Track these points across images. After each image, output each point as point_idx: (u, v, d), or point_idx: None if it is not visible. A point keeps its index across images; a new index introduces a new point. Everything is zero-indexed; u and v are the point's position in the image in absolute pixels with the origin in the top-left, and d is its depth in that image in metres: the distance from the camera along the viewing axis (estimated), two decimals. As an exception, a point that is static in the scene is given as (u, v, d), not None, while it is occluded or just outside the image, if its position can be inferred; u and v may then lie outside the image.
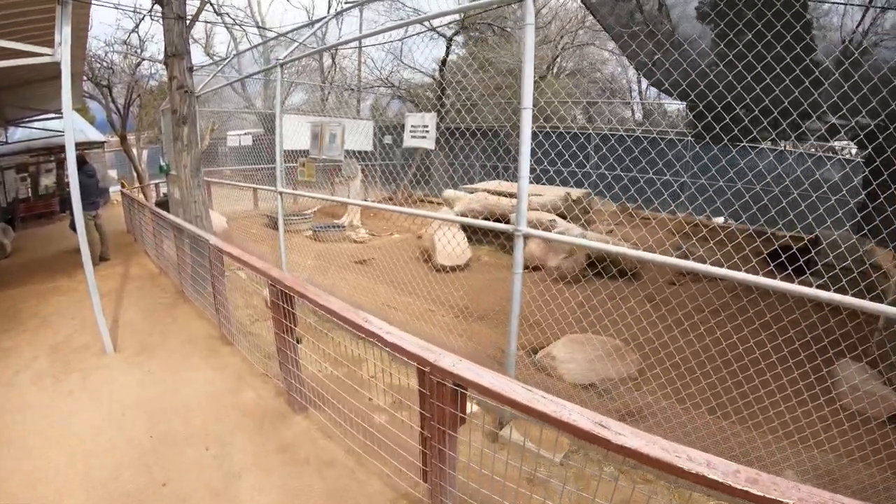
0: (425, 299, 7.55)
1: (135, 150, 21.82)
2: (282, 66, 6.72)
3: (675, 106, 23.71)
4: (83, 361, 5.79)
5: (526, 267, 9.06)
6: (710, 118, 5.29)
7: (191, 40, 7.53)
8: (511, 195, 10.79)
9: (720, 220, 14.15)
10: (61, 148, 11.84)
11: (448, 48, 17.27)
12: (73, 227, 10.24)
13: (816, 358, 4.07)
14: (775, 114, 5.10)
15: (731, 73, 4.64)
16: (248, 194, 15.28)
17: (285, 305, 4.25)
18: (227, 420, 4.58)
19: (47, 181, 19.26)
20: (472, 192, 11.94)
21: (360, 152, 10.48)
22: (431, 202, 14.97)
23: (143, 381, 5.34)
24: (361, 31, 17.47)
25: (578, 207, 10.79)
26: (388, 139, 15.83)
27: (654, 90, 27.99)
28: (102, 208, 10.93)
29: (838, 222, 9.90)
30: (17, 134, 18.19)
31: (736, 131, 6.65)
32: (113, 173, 26.53)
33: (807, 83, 4.34)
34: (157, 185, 19.19)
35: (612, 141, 13.53)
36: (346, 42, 13.88)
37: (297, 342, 4.50)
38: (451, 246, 9.08)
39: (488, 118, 15.93)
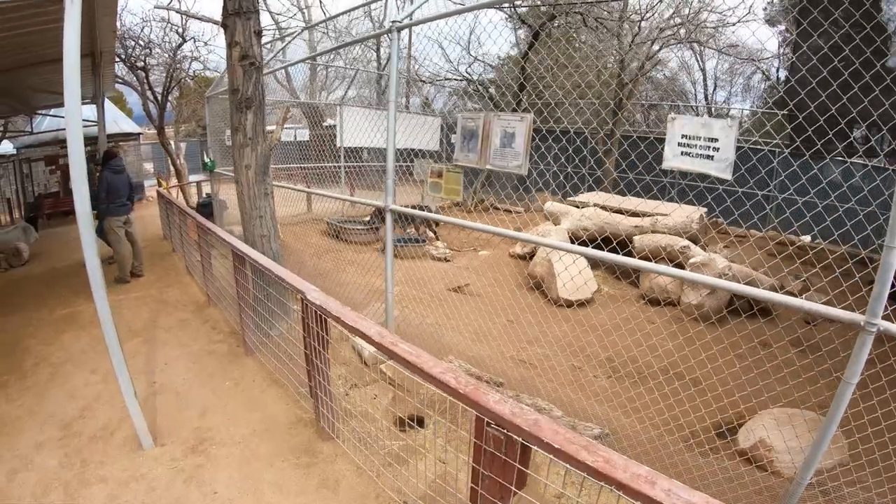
0: (557, 348, 6.01)
1: (172, 144, 19.86)
2: (399, 30, 4.69)
3: (743, 112, 21.75)
4: (108, 462, 3.81)
5: (655, 302, 7.32)
6: (809, 131, 3.54)
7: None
8: (632, 213, 8.74)
9: (807, 238, 12.22)
10: (94, 139, 10.02)
11: (535, 37, 15.14)
12: (100, 232, 8.33)
13: None
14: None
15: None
16: (299, 194, 13.28)
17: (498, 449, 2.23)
18: None
19: (76, 174, 17.47)
20: (579, 206, 9.85)
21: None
22: (508, 211, 13.00)
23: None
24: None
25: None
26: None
27: (720, 95, 25.98)
28: (135, 206, 8.94)
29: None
30: (45, 123, 16.49)
31: (840, 148, 5.62)
32: (149, 166, 24.89)
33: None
34: (198, 184, 17.24)
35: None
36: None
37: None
38: (574, 275, 7.07)
39: (576, 121, 13.86)
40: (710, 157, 3.25)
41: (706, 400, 4.42)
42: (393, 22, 4.65)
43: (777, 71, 21.61)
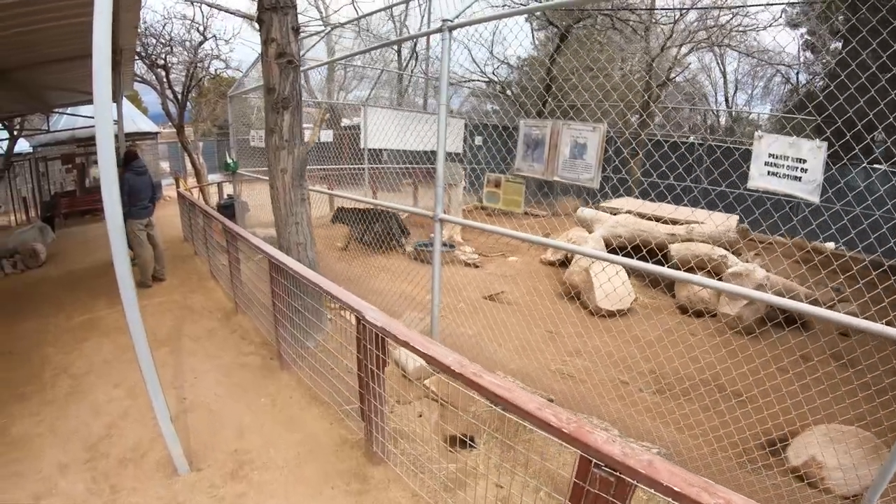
0: (598, 360, 5.82)
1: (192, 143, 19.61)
2: (451, 30, 4.41)
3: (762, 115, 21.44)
4: (141, 489, 3.53)
5: (690, 311, 7.01)
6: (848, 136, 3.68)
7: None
8: (671, 220, 8.43)
9: (831, 245, 11.88)
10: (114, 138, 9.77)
11: (562, 40, 14.83)
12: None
13: None
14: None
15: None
16: (322, 196, 12.98)
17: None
18: None
19: (96, 173, 17.22)
20: (612, 213, 9.53)
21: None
22: (536, 215, 12.68)
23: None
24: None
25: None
26: (478, 140, 13.61)
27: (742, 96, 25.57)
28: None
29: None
30: (62, 122, 16.30)
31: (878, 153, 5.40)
32: (165, 165, 24.71)
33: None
34: (220, 185, 16.93)
35: (718, 153, 11.18)
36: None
37: None
38: (613, 284, 6.79)
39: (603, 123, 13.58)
40: (797, 179, 3.16)
41: (748, 413, 4.35)
42: (444, 21, 4.37)
43: (797, 74, 21.26)
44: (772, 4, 14.52)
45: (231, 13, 15.61)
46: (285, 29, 5.03)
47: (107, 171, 3.01)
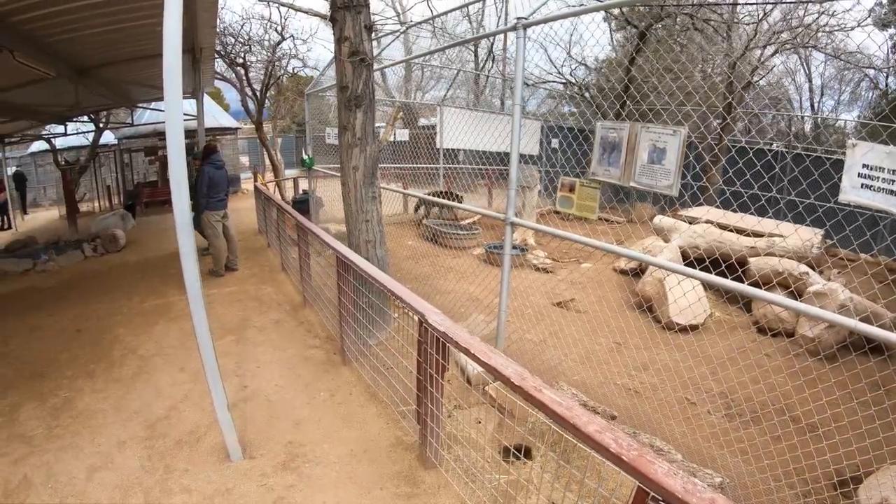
0: (666, 377, 5.41)
1: (270, 140, 20.07)
2: (525, 27, 4.29)
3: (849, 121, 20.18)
4: (193, 471, 3.59)
5: (768, 330, 6.59)
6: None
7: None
8: (753, 234, 8.03)
9: None
10: (193, 132, 10.11)
11: (641, 40, 14.47)
12: (196, 225, 8.34)
13: None
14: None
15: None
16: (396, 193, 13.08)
17: None
18: None
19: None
20: (690, 222, 9.18)
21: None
22: (608, 220, 12.38)
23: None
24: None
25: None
26: (554, 142, 13.39)
27: (828, 102, 24.21)
28: (231, 199, 8.87)
29: None
30: (146, 116, 16.98)
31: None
32: (244, 160, 25.44)
33: None
34: (295, 180, 17.29)
35: (807, 162, 10.55)
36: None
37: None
38: (689, 299, 6.50)
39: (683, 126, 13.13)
40: (894, 193, 2.77)
41: (823, 448, 3.95)
42: (518, 19, 4.25)
43: (886, 78, 19.97)
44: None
45: (304, 12, 15.84)
46: (358, 27, 5.02)
47: (176, 170, 3.03)
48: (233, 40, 15.35)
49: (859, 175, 2.85)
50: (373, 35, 5.41)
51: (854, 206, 2.90)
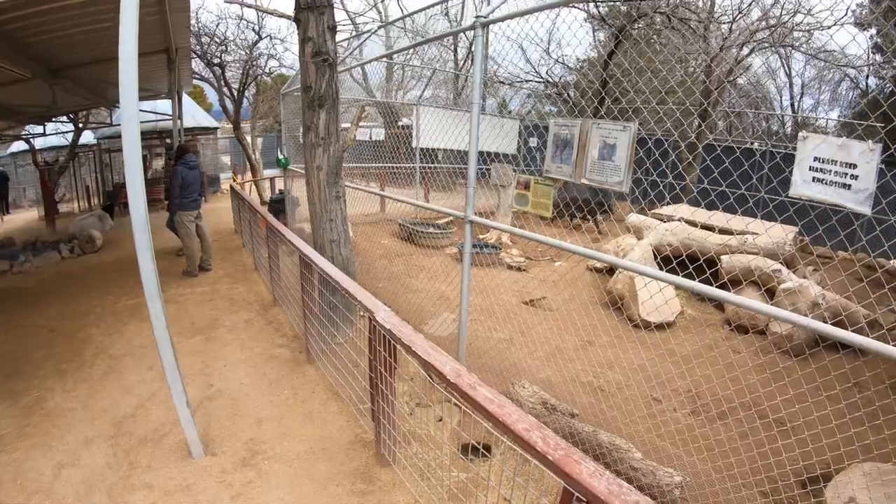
0: (632, 375, 5.44)
1: (248, 139, 20.02)
2: (483, 26, 4.34)
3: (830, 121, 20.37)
4: (156, 468, 3.65)
5: (741, 328, 6.65)
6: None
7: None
8: (724, 231, 8.09)
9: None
10: (170, 132, 10.11)
11: (618, 40, 14.55)
12: (170, 225, 8.37)
13: None
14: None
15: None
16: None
17: None
18: None
19: (156, 166, 17.80)
20: (663, 220, 9.26)
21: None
22: (587, 219, 12.49)
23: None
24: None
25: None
26: (533, 142, 13.44)
27: (808, 101, 24.44)
28: (210, 199, 8.86)
29: None
30: (125, 116, 16.87)
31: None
32: (225, 159, 25.35)
33: None
34: (272, 180, 17.26)
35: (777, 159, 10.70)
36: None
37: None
38: (657, 295, 6.54)
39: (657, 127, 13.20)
40: (846, 187, 2.67)
41: (790, 444, 3.90)
42: (477, 17, 4.30)
43: (866, 78, 20.19)
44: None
45: (269, 13, 15.88)
46: (321, 28, 5.08)
47: (132, 169, 3.08)
48: (208, 40, 15.34)
49: (810, 168, 2.75)
50: (352, 34, 5.45)
51: (805, 201, 2.83)
